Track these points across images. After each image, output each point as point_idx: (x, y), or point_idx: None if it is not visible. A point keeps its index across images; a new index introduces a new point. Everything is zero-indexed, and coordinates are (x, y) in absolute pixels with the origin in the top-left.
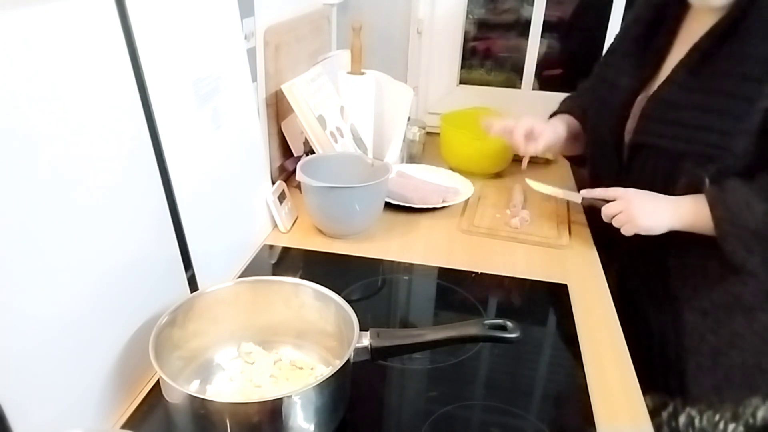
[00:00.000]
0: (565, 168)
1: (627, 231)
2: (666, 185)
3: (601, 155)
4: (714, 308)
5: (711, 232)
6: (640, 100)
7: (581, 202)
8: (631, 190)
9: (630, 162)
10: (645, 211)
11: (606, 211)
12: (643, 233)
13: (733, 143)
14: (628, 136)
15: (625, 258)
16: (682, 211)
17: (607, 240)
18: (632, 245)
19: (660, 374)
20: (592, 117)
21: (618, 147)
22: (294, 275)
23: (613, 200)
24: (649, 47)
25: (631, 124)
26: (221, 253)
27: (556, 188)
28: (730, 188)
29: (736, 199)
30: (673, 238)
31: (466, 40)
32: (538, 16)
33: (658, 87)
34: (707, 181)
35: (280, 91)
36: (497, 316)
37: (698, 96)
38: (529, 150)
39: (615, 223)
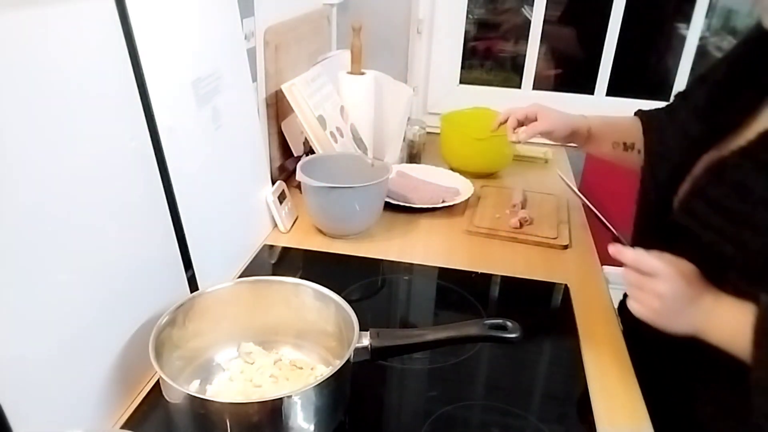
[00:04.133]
0: (564, 170)
1: (636, 312)
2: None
3: (646, 214)
4: None
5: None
6: (702, 163)
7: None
8: (676, 280)
9: (671, 243)
10: (671, 313)
11: (629, 278)
12: (657, 327)
13: None
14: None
15: (638, 354)
16: (720, 324)
17: (635, 335)
18: (644, 344)
19: None
20: (648, 160)
21: (662, 214)
22: (294, 275)
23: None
24: (741, 95)
25: (682, 192)
26: (221, 253)
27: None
28: None
29: None
30: (702, 355)
31: (466, 40)
32: (538, 16)
33: (725, 156)
34: (764, 299)
35: (280, 91)
36: (497, 316)
37: (764, 181)
38: (511, 138)
39: (629, 293)
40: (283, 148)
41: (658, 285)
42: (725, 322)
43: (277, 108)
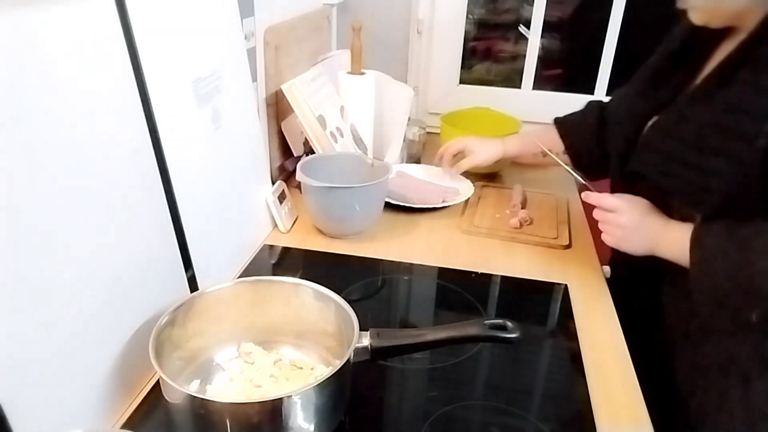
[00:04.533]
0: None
1: (606, 240)
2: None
3: (614, 171)
4: (706, 364)
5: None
6: (648, 127)
7: (581, 197)
8: (631, 204)
9: (632, 186)
10: (631, 232)
11: (598, 216)
12: (622, 251)
13: (723, 185)
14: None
15: (624, 285)
16: (668, 239)
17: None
18: (628, 273)
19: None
20: (609, 137)
21: (624, 167)
22: (294, 275)
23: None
24: (676, 70)
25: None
26: (221, 253)
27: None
28: (714, 232)
29: (714, 245)
30: (666, 274)
31: (466, 40)
32: (538, 16)
33: (661, 115)
34: (698, 218)
35: (280, 91)
36: (497, 316)
37: (695, 130)
38: (446, 170)
39: (600, 226)
40: (283, 148)
41: (619, 218)
42: (672, 239)
43: (277, 108)
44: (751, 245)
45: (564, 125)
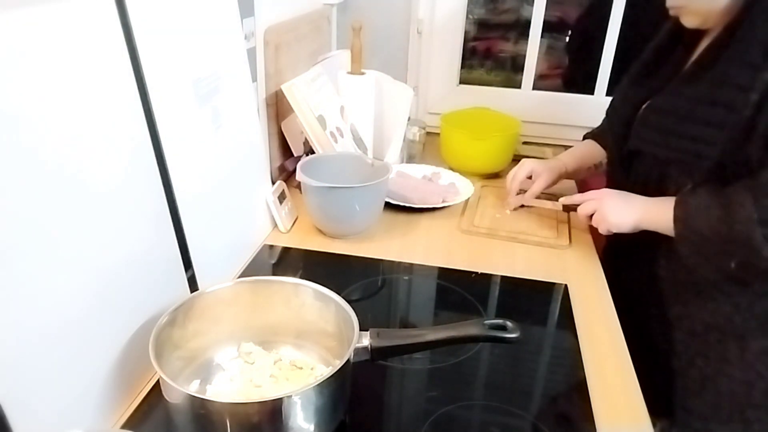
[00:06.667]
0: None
1: (602, 229)
2: (658, 192)
3: (612, 163)
4: (704, 330)
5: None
6: (642, 108)
7: (562, 209)
8: (605, 190)
9: (629, 169)
10: (614, 208)
11: (580, 211)
12: (614, 230)
13: (715, 152)
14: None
15: (618, 263)
16: (650, 210)
17: (606, 246)
18: (624, 251)
19: (647, 391)
20: (609, 127)
21: (622, 155)
22: (294, 275)
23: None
24: (665, 61)
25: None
26: (221, 253)
27: (539, 200)
28: (700, 192)
29: (697, 203)
30: (662, 246)
31: (466, 40)
32: (538, 16)
33: (655, 97)
34: (690, 185)
35: (280, 91)
36: (497, 316)
37: (687, 104)
38: (519, 199)
39: (593, 223)
40: (283, 148)
41: (592, 203)
42: (657, 209)
43: (277, 108)
44: (733, 199)
45: (602, 137)
